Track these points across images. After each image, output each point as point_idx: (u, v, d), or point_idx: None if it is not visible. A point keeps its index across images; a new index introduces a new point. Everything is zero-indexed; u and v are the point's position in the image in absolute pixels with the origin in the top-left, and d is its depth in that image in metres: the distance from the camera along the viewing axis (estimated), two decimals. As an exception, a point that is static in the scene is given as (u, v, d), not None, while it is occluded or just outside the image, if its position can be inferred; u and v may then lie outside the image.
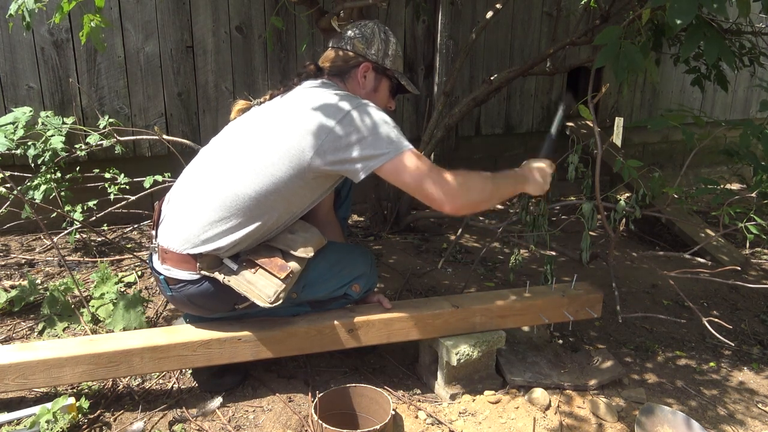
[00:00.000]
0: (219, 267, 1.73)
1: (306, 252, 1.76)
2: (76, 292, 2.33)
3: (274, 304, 1.69)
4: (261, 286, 1.70)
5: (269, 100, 1.87)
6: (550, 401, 1.90)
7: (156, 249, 1.81)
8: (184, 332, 1.78)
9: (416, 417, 1.83)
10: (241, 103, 1.92)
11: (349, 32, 1.90)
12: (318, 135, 1.67)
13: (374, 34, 1.88)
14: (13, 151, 2.58)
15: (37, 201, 2.60)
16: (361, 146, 1.66)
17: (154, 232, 1.85)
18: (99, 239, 2.98)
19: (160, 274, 1.78)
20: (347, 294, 1.91)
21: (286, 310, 1.86)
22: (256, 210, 1.70)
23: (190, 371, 1.96)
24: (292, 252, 1.75)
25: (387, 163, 1.66)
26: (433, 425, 1.80)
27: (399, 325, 1.90)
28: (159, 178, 2.79)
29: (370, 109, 1.71)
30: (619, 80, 1.71)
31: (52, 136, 2.65)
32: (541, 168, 1.93)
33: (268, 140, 1.72)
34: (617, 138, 3.91)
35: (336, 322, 1.85)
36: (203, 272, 1.72)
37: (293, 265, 1.73)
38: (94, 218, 2.87)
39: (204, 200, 1.73)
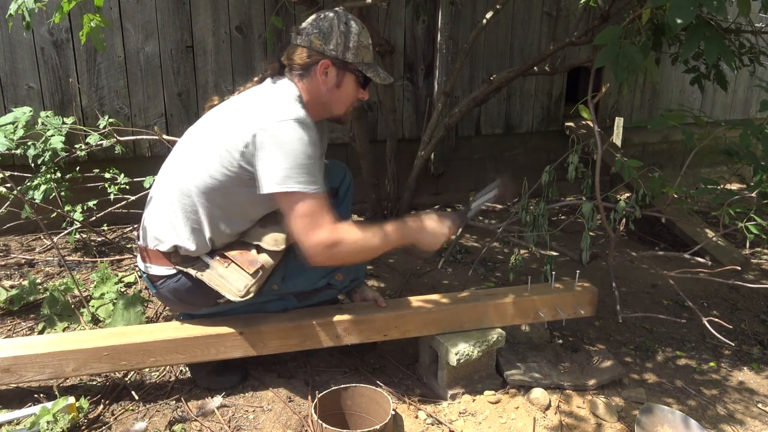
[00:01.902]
0: (194, 262, 1.76)
1: (276, 245, 1.75)
2: (76, 292, 2.33)
3: (244, 298, 1.70)
4: (232, 280, 1.71)
5: (234, 96, 1.86)
6: (550, 401, 1.90)
7: (137, 248, 1.86)
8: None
9: (416, 417, 1.83)
10: (214, 100, 1.93)
11: (308, 27, 1.77)
12: (244, 138, 1.64)
13: (332, 28, 1.74)
14: (13, 151, 2.58)
15: (37, 201, 2.60)
16: (271, 165, 1.61)
17: (137, 233, 1.88)
18: (99, 239, 2.98)
19: (143, 272, 1.83)
20: (330, 284, 1.89)
21: (274, 304, 1.87)
22: (197, 207, 1.72)
23: (188, 370, 1.96)
24: (263, 245, 1.76)
25: (282, 194, 1.62)
26: (433, 425, 1.80)
27: (396, 322, 1.90)
28: (159, 178, 2.79)
29: (295, 133, 1.63)
30: (619, 80, 1.71)
31: (52, 136, 2.65)
32: (437, 226, 1.80)
33: (209, 138, 1.74)
34: (617, 138, 3.91)
35: (318, 320, 1.84)
36: (178, 267, 1.75)
37: (264, 259, 1.74)
38: (94, 218, 2.87)
39: (161, 198, 1.78)
